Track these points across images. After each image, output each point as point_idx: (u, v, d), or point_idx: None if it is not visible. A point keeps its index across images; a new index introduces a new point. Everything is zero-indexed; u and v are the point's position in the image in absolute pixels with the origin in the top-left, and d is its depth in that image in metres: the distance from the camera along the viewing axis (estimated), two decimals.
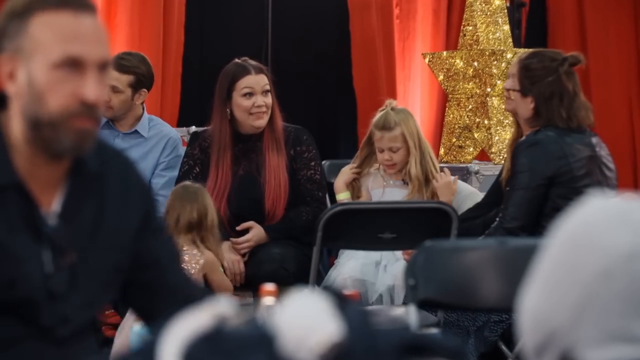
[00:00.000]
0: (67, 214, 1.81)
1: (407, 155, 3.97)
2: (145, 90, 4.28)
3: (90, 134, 1.76)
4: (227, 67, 4.08)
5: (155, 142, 4.30)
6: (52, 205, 1.80)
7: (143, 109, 4.35)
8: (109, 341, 3.44)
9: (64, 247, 1.79)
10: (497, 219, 3.54)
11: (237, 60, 4.08)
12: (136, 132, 4.29)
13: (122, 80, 4.21)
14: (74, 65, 1.72)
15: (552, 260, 1.12)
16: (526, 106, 3.57)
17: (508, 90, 3.65)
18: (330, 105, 6.39)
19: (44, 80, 1.72)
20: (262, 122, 4.00)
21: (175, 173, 4.24)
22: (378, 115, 4.01)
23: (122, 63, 4.24)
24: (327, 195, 4.34)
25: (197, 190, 3.60)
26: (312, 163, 4.06)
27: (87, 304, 1.83)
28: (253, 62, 4.08)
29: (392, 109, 3.99)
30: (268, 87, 4.01)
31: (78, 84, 1.72)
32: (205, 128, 4.06)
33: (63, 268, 1.79)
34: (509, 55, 5.61)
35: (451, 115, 5.92)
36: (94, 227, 1.83)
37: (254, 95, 3.97)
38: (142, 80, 4.25)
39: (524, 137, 3.60)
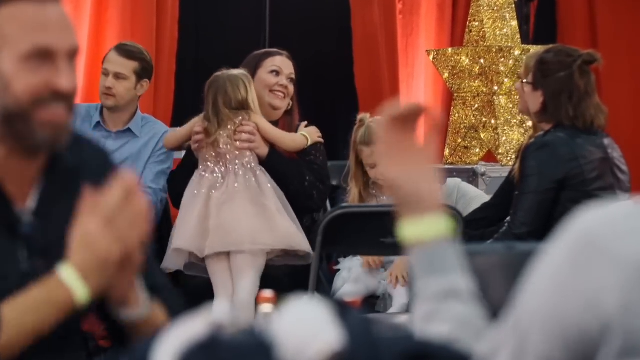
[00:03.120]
0: (43, 211, 1.81)
1: None
2: (147, 81, 4.32)
3: (64, 126, 1.78)
4: (254, 53, 4.22)
5: (147, 139, 4.32)
6: (27, 201, 1.81)
7: (137, 107, 4.37)
8: (103, 351, 3.45)
9: (41, 245, 1.79)
10: (506, 224, 3.55)
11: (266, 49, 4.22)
12: (129, 130, 4.31)
13: (128, 66, 4.25)
14: (43, 56, 1.73)
15: (559, 266, 1.12)
16: (536, 100, 3.59)
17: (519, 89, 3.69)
18: (330, 105, 6.39)
19: (13, 73, 1.73)
20: (280, 103, 4.07)
21: (165, 166, 4.25)
22: (360, 131, 4.01)
23: (128, 49, 4.29)
24: (326, 198, 4.34)
25: (229, 78, 3.90)
26: (313, 151, 4.05)
27: None
28: (283, 51, 4.21)
29: (372, 121, 4.01)
30: (293, 76, 4.15)
31: (50, 74, 1.74)
32: None
33: (40, 267, 1.78)
34: (516, 52, 5.61)
35: (456, 115, 5.92)
36: (70, 224, 1.83)
37: (280, 75, 4.09)
38: (147, 68, 4.31)
39: (532, 139, 3.61)
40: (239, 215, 3.76)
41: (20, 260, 1.78)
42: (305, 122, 4.13)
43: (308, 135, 4.04)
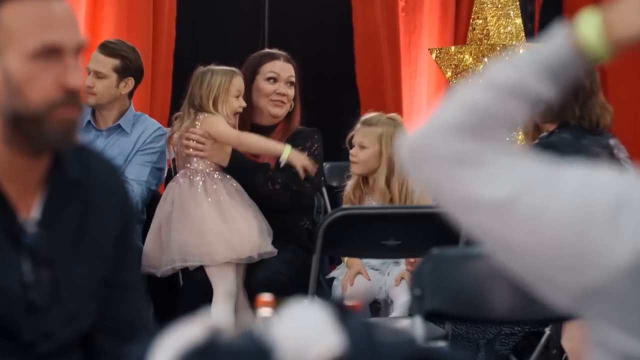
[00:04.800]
0: (47, 221, 1.81)
1: (372, 160, 3.94)
2: (132, 79, 4.26)
3: (76, 123, 1.78)
4: (254, 54, 4.19)
5: (137, 136, 4.26)
6: (31, 211, 1.81)
7: (130, 104, 4.34)
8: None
9: (45, 257, 1.79)
10: None
11: (266, 49, 4.18)
12: (119, 126, 4.27)
13: (107, 64, 4.20)
14: (52, 53, 1.72)
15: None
16: None
17: None
18: (331, 105, 6.39)
19: (22, 73, 1.72)
20: (281, 111, 4.05)
21: (149, 159, 4.20)
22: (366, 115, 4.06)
23: (108, 45, 4.26)
24: (326, 199, 4.34)
25: (200, 73, 3.89)
26: (306, 144, 4.04)
27: (71, 318, 1.83)
28: (283, 52, 4.16)
29: (389, 116, 4.01)
30: (293, 79, 4.11)
31: (59, 72, 1.73)
32: None
33: (44, 279, 1.79)
34: (521, 51, 5.61)
35: None
36: (76, 235, 1.83)
37: (277, 82, 4.07)
38: (129, 66, 4.24)
39: (537, 140, 3.61)
40: (171, 230, 3.80)
41: (24, 272, 1.78)
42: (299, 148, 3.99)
43: (292, 155, 3.88)
